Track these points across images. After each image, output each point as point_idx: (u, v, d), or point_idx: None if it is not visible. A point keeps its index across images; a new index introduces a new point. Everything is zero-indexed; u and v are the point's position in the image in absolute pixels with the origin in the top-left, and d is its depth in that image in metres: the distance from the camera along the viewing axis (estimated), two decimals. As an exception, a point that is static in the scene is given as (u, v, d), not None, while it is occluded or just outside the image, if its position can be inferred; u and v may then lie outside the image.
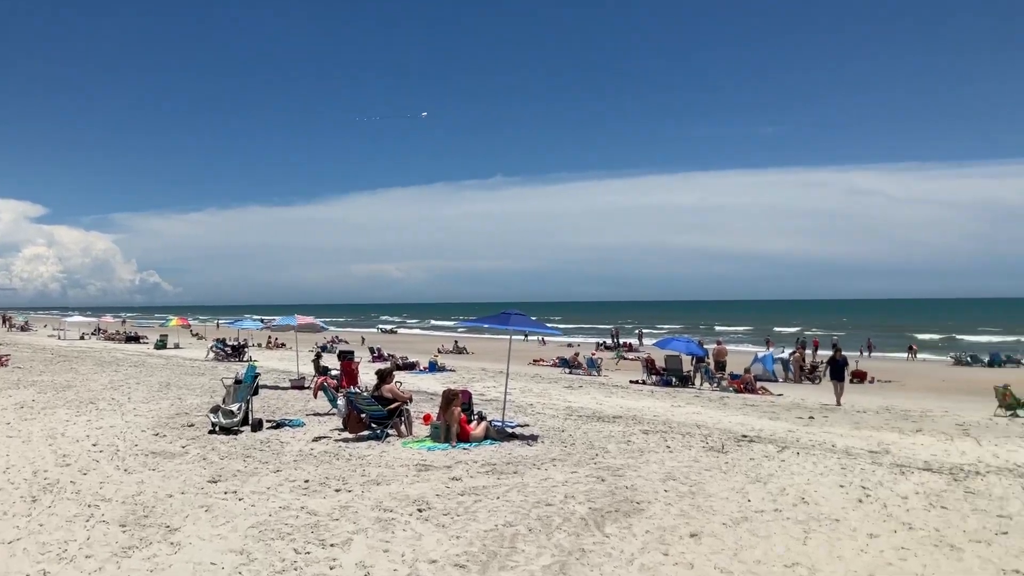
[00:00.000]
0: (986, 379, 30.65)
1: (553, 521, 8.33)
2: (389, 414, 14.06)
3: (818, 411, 20.78)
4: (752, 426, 17.15)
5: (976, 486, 10.76)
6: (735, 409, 20.96)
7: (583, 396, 23.37)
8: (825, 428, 17.19)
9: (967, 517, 8.97)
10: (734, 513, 8.87)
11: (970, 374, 38.04)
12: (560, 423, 16.39)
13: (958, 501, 9.81)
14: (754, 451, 13.34)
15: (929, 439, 15.78)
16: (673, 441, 14.23)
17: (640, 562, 7.03)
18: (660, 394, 25.21)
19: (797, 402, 23.64)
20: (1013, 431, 17.53)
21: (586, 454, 12.57)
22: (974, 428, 17.90)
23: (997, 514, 9.14)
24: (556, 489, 9.90)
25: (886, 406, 22.76)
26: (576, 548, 7.39)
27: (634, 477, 10.78)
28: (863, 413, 20.61)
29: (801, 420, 18.71)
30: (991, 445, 15.09)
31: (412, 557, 7.07)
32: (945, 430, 17.27)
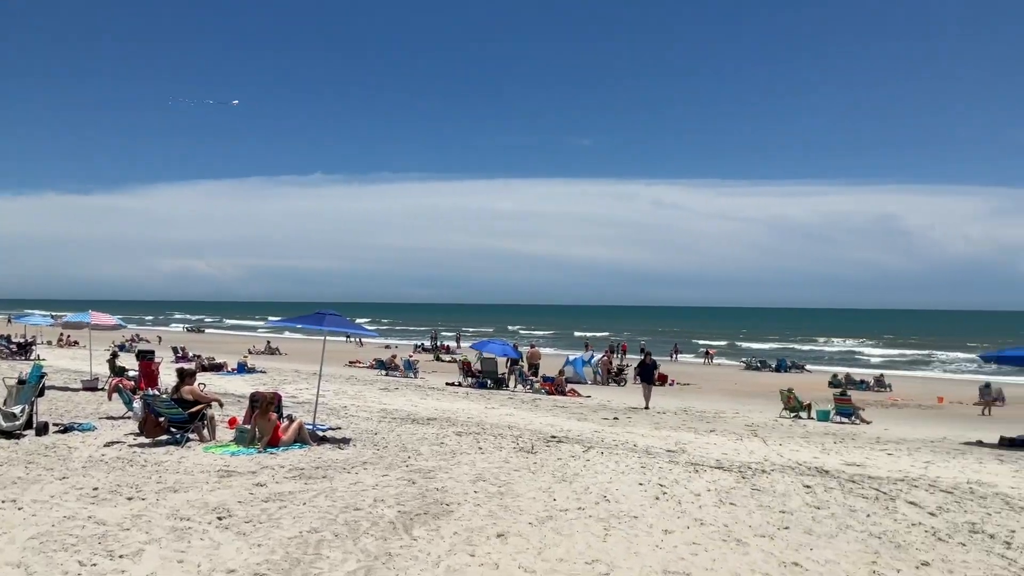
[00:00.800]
0: (773, 383, 33.12)
1: (361, 526, 8.20)
2: (190, 417, 13.38)
3: (623, 412, 21.68)
4: (561, 427, 17.65)
5: (762, 483, 11.55)
6: (546, 410, 21.50)
7: (399, 398, 23.25)
8: (628, 428, 17.95)
9: (753, 513, 9.61)
10: (540, 512, 9.07)
11: (759, 378, 40.94)
12: (374, 425, 16.21)
13: (745, 498, 10.49)
14: (562, 451, 13.72)
15: (721, 439, 16.81)
16: (485, 442, 14.39)
17: (447, 564, 7.05)
18: (475, 396, 25.47)
19: (604, 403, 24.56)
20: (795, 432, 18.99)
21: (398, 457, 12.49)
22: (761, 429, 19.25)
23: (780, 510, 9.84)
24: (366, 493, 9.77)
25: (684, 408, 24.09)
26: (383, 552, 7.31)
27: (445, 479, 10.81)
28: (663, 414, 21.70)
29: (607, 421, 19.45)
30: (776, 445, 16.27)
31: (208, 567, 6.75)
32: (736, 430, 18.47)
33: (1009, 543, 8.59)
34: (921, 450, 16.44)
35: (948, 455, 15.89)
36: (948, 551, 8.18)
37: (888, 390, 35.40)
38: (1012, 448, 17.67)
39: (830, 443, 16.91)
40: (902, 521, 9.48)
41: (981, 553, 8.14)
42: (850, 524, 9.20)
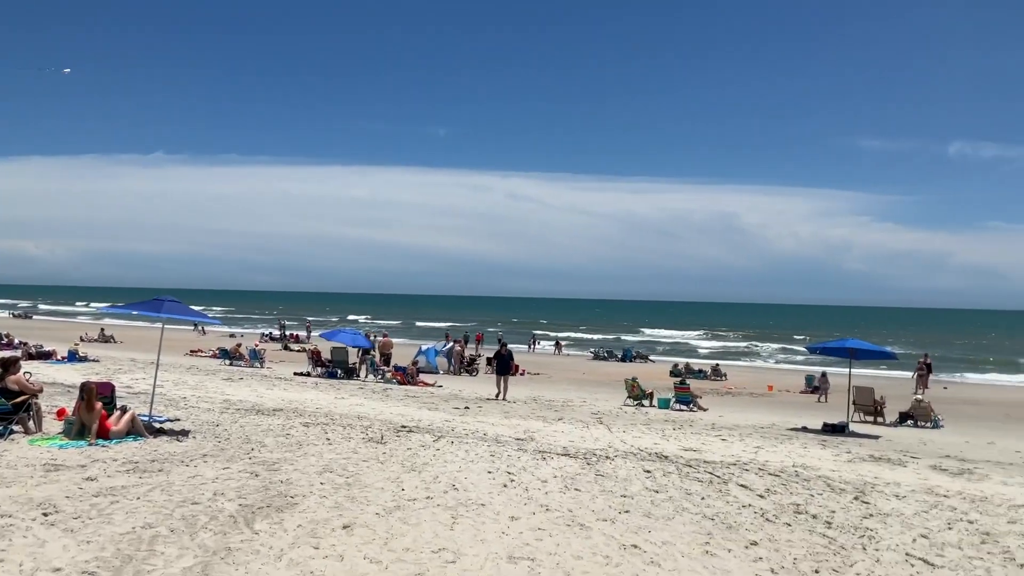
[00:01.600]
0: (619, 372, 34.19)
1: (199, 520, 7.89)
2: (14, 408, 12.47)
3: (474, 402, 21.82)
4: (412, 416, 17.59)
5: (605, 469, 11.91)
6: (397, 400, 21.37)
7: (243, 389, 22.51)
8: (479, 418, 18.10)
9: (596, 498, 9.89)
10: (388, 503, 9.01)
11: (606, 368, 42.18)
12: (216, 417, 15.63)
13: (589, 483, 10.79)
14: (412, 441, 13.68)
15: (569, 427, 17.22)
16: (333, 433, 14.16)
17: (289, 557, 6.88)
18: (324, 386, 25.01)
19: (456, 393, 24.65)
20: (638, 419, 19.68)
21: (241, 449, 12.10)
22: (607, 416, 19.85)
23: (621, 494, 10.18)
24: (205, 487, 9.40)
25: (534, 397, 24.51)
26: (222, 547, 7.06)
27: (290, 471, 10.56)
28: (513, 403, 22.01)
29: (458, 410, 19.53)
30: (620, 432, 16.80)
31: (32, 567, 6.32)
32: (583, 418, 18.96)
33: (830, 523, 9.21)
34: (752, 436, 17.38)
35: (776, 440, 16.88)
36: (775, 531, 8.69)
37: (724, 379, 37.26)
38: (833, 433, 18.96)
39: (670, 430, 17.62)
40: (734, 503, 10.00)
41: (804, 532, 8.69)
42: (686, 507, 9.62)
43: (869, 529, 8.97)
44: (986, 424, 23.37)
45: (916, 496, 11.15)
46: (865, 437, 18.72)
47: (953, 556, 8.02)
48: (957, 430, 21.20)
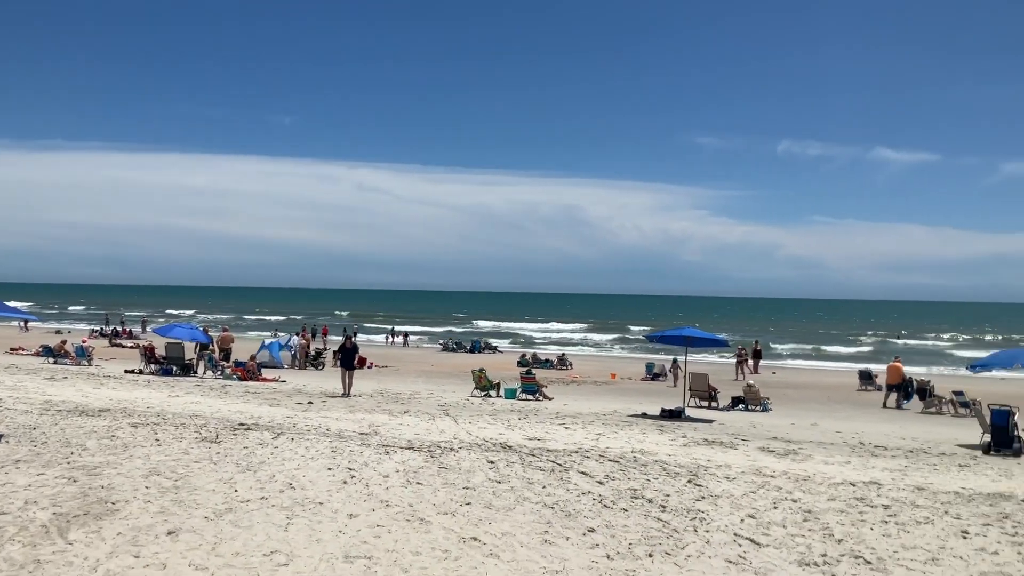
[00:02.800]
0: (467, 363, 34.30)
1: (7, 532, 7.27)
2: None
3: (318, 397, 21.29)
4: (251, 414, 16.96)
5: (449, 461, 11.85)
6: (236, 397, 20.57)
7: (67, 388, 21.08)
8: (322, 413, 17.65)
9: (438, 491, 9.80)
10: (219, 505, 8.59)
11: (455, 359, 42.22)
12: (34, 419, 14.53)
13: (432, 476, 10.69)
14: (249, 439, 13.17)
15: (415, 419, 17.06)
16: (164, 433, 13.43)
17: (106, 568, 6.43)
18: (158, 384, 23.77)
19: (299, 388, 23.99)
20: (484, 410, 19.74)
21: (59, 453, 11.27)
22: (454, 408, 19.81)
23: (464, 486, 10.13)
24: (16, 495, 8.69)
25: (380, 390, 24.19)
26: (31, 560, 6.52)
27: (113, 475, 9.92)
28: (359, 397, 21.63)
29: (300, 406, 18.99)
30: (466, 423, 16.79)
31: None
32: (429, 411, 18.85)
33: (664, 506, 9.49)
34: (594, 423, 17.77)
35: (617, 427, 17.32)
36: (612, 516, 8.87)
37: (569, 368, 38.04)
38: (671, 419, 19.67)
39: (515, 419, 17.77)
40: (574, 491, 10.15)
41: (640, 517, 8.91)
42: (527, 496, 9.69)
43: (701, 511, 9.30)
44: (810, 407, 24.86)
45: (745, 477, 11.67)
46: (700, 422, 19.51)
47: (778, 534, 8.42)
48: (784, 413, 22.44)
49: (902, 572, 7.20)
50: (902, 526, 8.93)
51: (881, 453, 14.98)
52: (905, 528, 8.84)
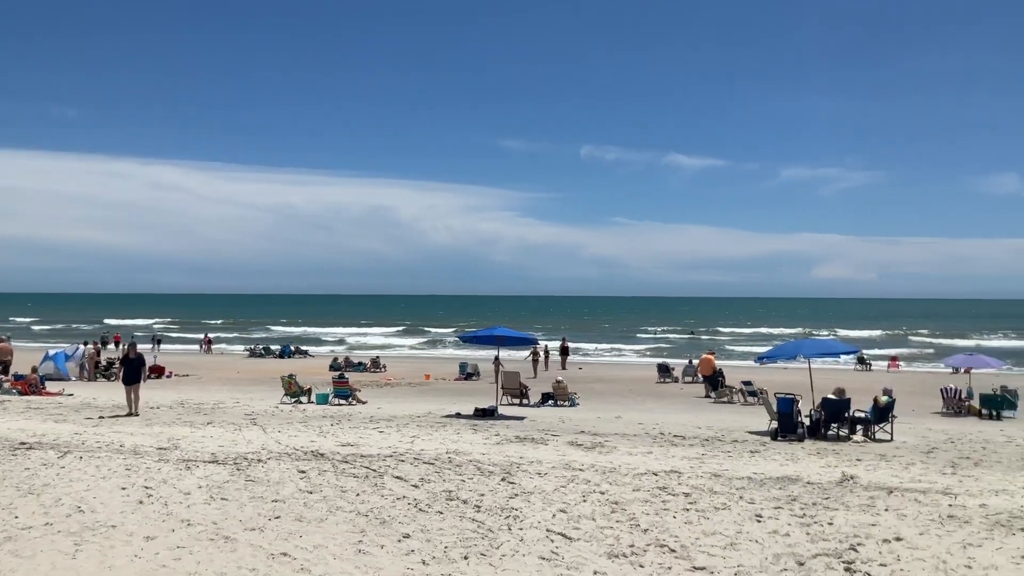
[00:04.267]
0: (276, 369, 33.19)
1: None
2: None
3: (109, 410, 19.86)
4: (34, 431, 15.56)
5: (257, 474, 11.35)
6: (16, 414, 18.82)
7: None
8: (115, 428, 16.47)
9: (244, 506, 9.35)
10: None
11: (263, 365, 40.74)
12: None
13: (239, 491, 10.19)
14: (31, 460, 12.07)
15: (219, 431, 16.26)
16: (-72, 458, 12.05)
17: None
18: (-80, 402, 21.36)
19: (89, 401, 22.29)
20: (295, 417, 19.13)
21: None
22: (261, 416, 19.07)
23: (273, 499, 9.73)
24: None
25: (181, 400, 22.91)
26: None
27: None
28: (156, 409, 20.37)
29: (91, 421, 17.65)
30: (275, 432, 16.19)
31: None
32: (235, 420, 18.03)
33: (479, 506, 9.52)
34: (409, 425, 17.64)
35: (432, 428, 17.28)
36: (427, 520, 8.79)
37: (383, 371, 37.66)
38: (484, 418, 19.86)
39: (327, 426, 17.33)
40: (388, 496, 9.99)
41: (456, 519, 8.89)
42: (340, 505, 9.43)
43: (515, 509, 9.40)
44: (614, 400, 25.90)
45: (556, 472, 11.93)
46: (512, 419, 19.82)
47: (588, 527, 8.64)
48: (591, 407, 23.23)
49: (704, 558, 7.57)
50: (702, 513, 9.41)
51: (680, 442, 15.79)
52: (705, 515, 9.32)
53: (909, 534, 8.58)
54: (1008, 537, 8.48)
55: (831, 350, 20.52)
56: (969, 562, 7.53)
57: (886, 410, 17.59)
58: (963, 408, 23.43)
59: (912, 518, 9.36)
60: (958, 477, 12.43)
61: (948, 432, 18.45)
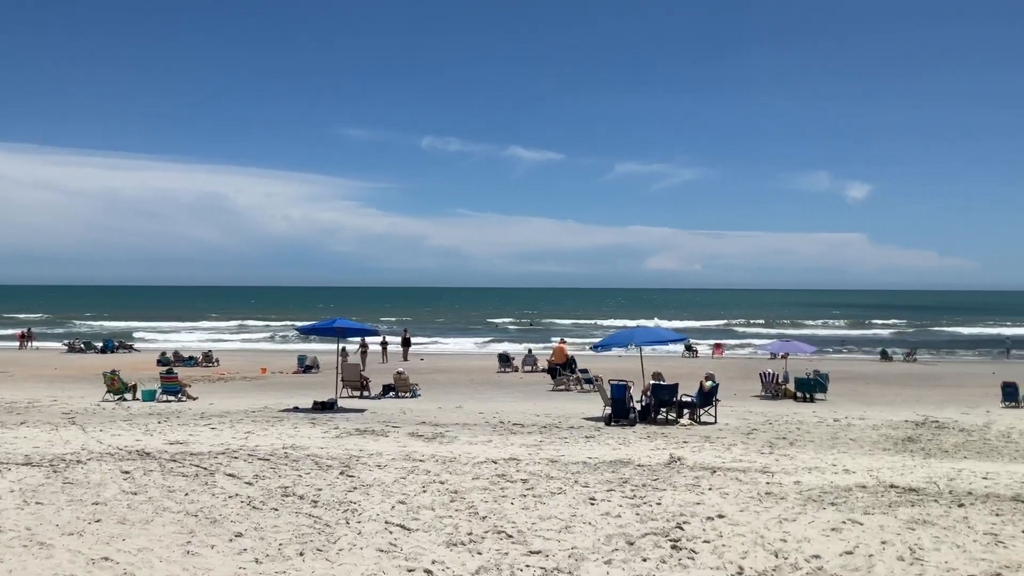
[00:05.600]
0: (99, 365, 31.29)
1: None
2: None
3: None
4: None
5: (76, 475, 10.69)
6: None
7: None
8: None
9: (62, 510, 8.79)
10: None
11: (84, 361, 38.31)
12: None
13: (55, 494, 9.57)
14: None
15: (34, 431, 15.20)
16: None
17: None
18: None
19: None
20: (119, 415, 18.13)
21: None
22: (81, 415, 17.97)
23: (93, 502, 9.19)
24: None
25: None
26: None
27: None
28: (-38, 410, 18.81)
29: None
30: (96, 431, 15.29)
31: None
32: (52, 420, 16.91)
33: (316, 501, 9.35)
34: (243, 421, 17.09)
35: (268, 423, 16.81)
36: (261, 518, 8.55)
37: (216, 365, 36.25)
38: (323, 411, 19.50)
39: (154, 423, 16.52)
40: (220, 495, 9.65)
41: (291, 515, 8.69)
42: (167, 506, 9.02)
43: (353, 502, 9.30)
44: (455, 390, 26.05)
45: (396, 464, 11.89)
46: (353, 412, 19.57)
47: (427, 517, 8.66)
48: (432, 398, 23.27)
49: (540, 542, 7.75)
50: (539, 498, 9.63)
51: (519, 430, 16.09)
52: (541, 500, 9.55)
53: (730, 511, 9.11)
54: (819, 511, 9.16)
55: (660, 338, 21.45)
56: (784, 536, 8.07)
57: (710, 394, 18.59)
58: (780, 391, 25.07)
59: (733, 496, 9.94)
60: (775, 456, 13.31)
61: (766, 414, 19.71)
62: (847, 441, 15.34)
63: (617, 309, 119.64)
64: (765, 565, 7.09)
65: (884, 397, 25.61)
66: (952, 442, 15.37)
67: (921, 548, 7.64)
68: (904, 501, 9.73)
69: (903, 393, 26.88)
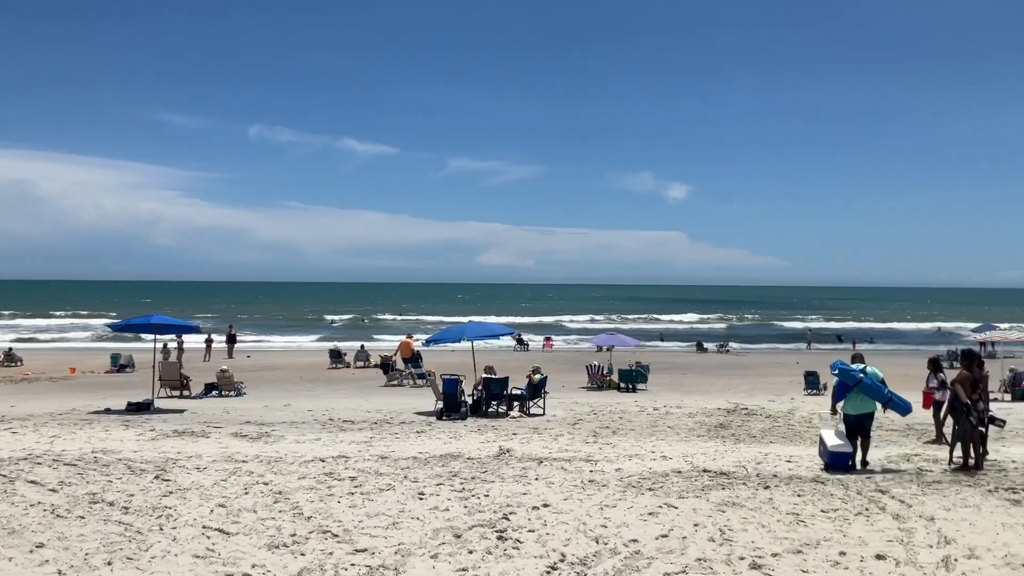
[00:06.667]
0: None
1: None
2: None
3: None
4: None
5: None
6: None
7: None
8: None
9: None
10: None
11: None
12: None
13: None
14: None
15: None
16: None
17: None
18: None
19: None
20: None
21: None
22: None
23: None
24: None
25: None
26: None
27: None
28: None
29: None
30: None
31: None
32: None
33: (127, 508, 8.84)
34: (49, 424, 15.95)
35: (76, 426, 15.76)
36: (66, 527, 8.00)
37: (19, 364, 33.64)
38: (139, 412, 18.47)
39: (-55, 430, 15.13)
40: (20, 503, 8.96)
41: (99, 523, 8.18)
42: (-43, 519, 8.28)
43: (168, 508, 8.85)
44: (284, 388, 25.37)
45: (217, 466, 11.43)
46: (171, 412, 18.66)
47: (248, 520, 8.37)
48: (258, 396, 22.56)
49: (366, 540, 7.66)
50: (367, 495, 9.53)
51: (349, 427, 15.87)
52: (370, 497, 9.44)
53: (555, 500, 9.35)
54: (638, 497, 9.55)
55: (492, 332, 21.71)
56: (605, 522, 8.35)
57: (539, 387, 19.01)
58: (605, 382, 26.00)
59: (559, 485, 10.21)
60: (599, 445, 13.77)
61: (592, 405, 20.37)
62: (665, 429, 16.09)
63: (450, 304, 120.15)
64: (586, 551, 7.32)
65: (700, 386, 27.08)
66: (760, 428, 16.42)
67: (730, 529, 8.11)
68: (716, 485, 10.30)
69: (717, 383, 28.53)
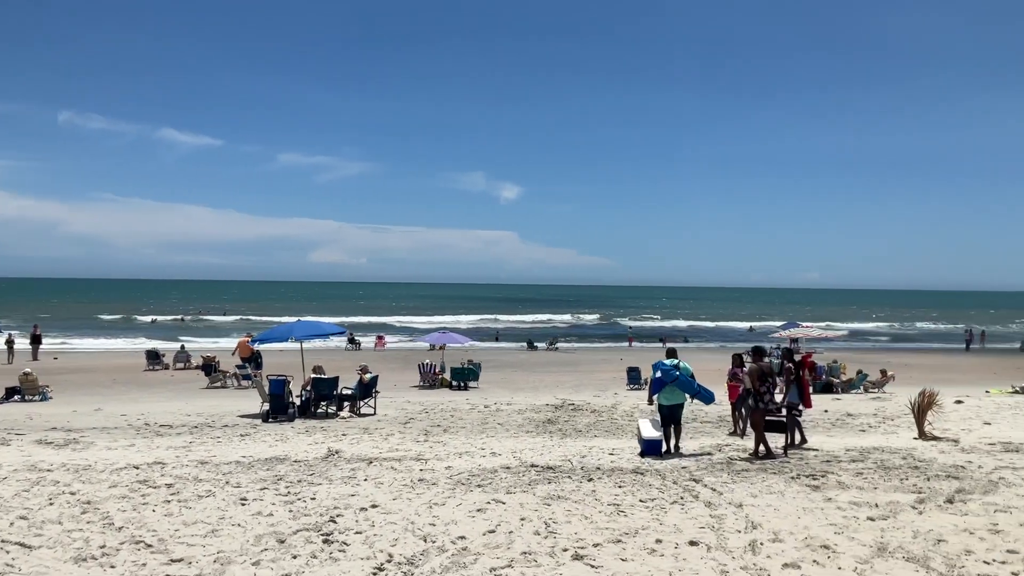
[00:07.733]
0: None
1: None
2: None
3: None
4: None
5: None
6: None
7: None
8: None
9: None
10: None
11: None
12: None
13: None
14: None
15: None
16: None
17: None
18: None
19: None
20: None
21: None
22: None
23: None
24: None
25: None
26: None
27: None
28: None
29: None
30: None
31: None
32: None
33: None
34: None
35: None
36: None
37: None
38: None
39: None
40: None
41: None
42: None
43: (-40, 523, 8.13)
44: (95, 391, 23.86)
45: (18, 476, 10.60)
46: (-35, 420, 17.14)
47: (53, 532, 7.81)
48: (66, 400, 21.12)
49: (183, 549, 7.30)
50: (184, 503, 9.09)
51: (166, 432, 15.12)
52: (187, 504, 9.02)
53: (384, 500, 9.27)
54: (467, 493, 9.62)
55: (321, 331, 21.23)
56: (434, 520, 8.36)
57: (370, 386, 18.81)
58: (437, 381, 26.05)
59: (388, 485, 10.13)
60: (429, 444, 13.78)
61: (424, 403, 20.37)
62: (495, 425, 16.31)
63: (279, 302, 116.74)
64: (414, 550, 7.30)
65: (529, 383, 27.65)
66: (585, 422, 16.95)
67: (555, 522, 8.31)
68: (542, 479, 10.54)
69: (545, 379, 29.22)
